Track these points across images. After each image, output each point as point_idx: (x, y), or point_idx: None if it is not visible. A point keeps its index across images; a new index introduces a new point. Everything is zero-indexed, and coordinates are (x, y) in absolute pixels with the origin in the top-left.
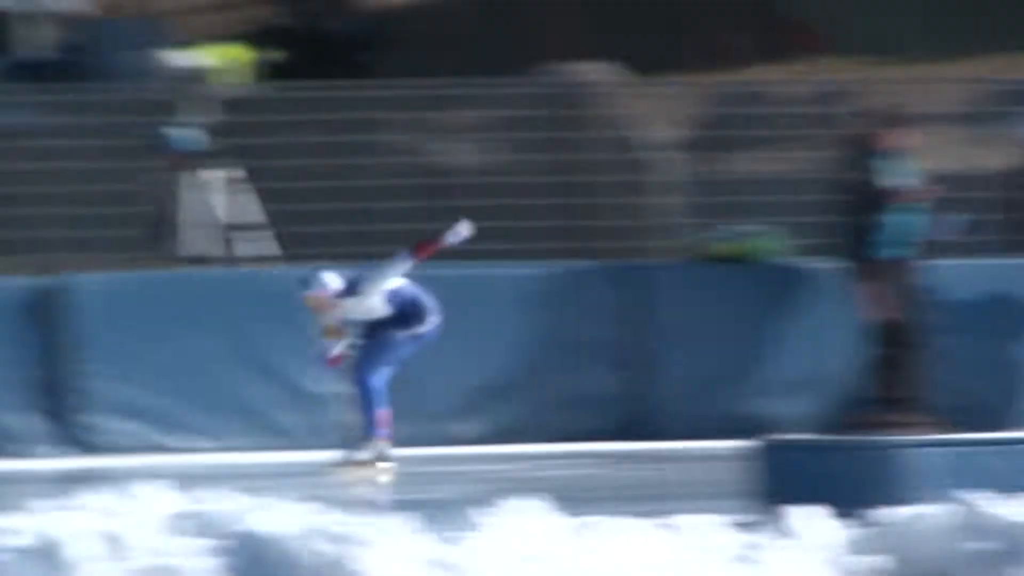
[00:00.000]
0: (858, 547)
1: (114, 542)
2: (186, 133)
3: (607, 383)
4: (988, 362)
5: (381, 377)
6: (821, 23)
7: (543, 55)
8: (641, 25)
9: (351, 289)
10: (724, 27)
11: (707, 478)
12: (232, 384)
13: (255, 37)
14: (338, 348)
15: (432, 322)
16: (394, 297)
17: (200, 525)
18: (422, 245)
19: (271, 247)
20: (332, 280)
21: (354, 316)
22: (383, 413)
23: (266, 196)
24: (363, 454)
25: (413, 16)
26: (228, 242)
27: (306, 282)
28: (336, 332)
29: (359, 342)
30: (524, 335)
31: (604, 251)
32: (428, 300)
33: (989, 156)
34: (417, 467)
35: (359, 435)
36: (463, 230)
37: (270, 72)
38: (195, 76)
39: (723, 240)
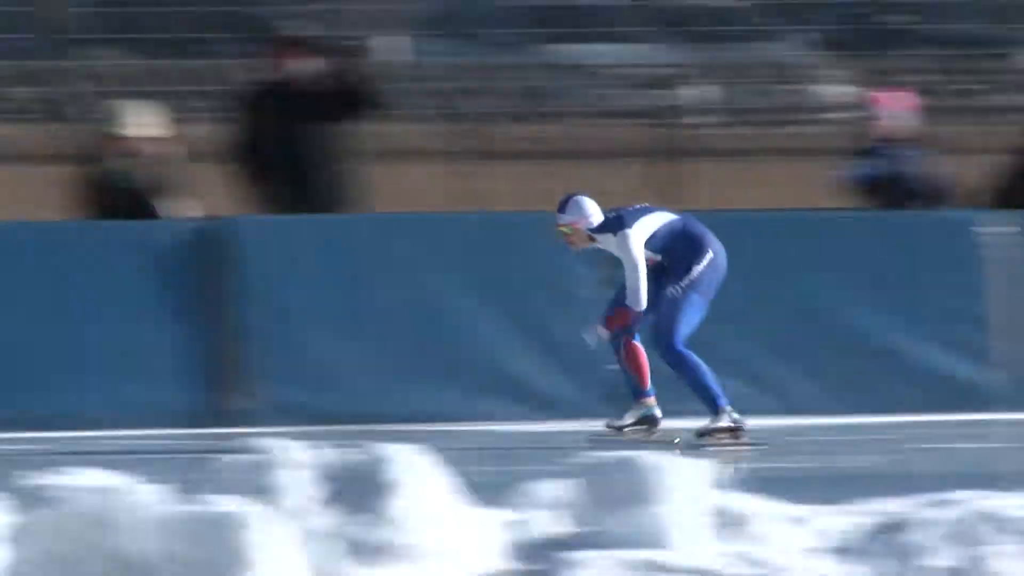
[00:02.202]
0: None
1: None
2: None
3: None
4: None
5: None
6: None
7: None
8: None
9: (612, 225)
10: None
11: None
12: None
13: None
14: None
15: (707, 259)
16: (657, 236)
17: None
18: None
19: None
20: (593, 209)
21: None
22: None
23: None
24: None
25: None
26: None
27: (563, 206)
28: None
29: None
30: None
31: None
32: (704, 234)
33: None
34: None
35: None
36: None
37: None
38: None
39: None
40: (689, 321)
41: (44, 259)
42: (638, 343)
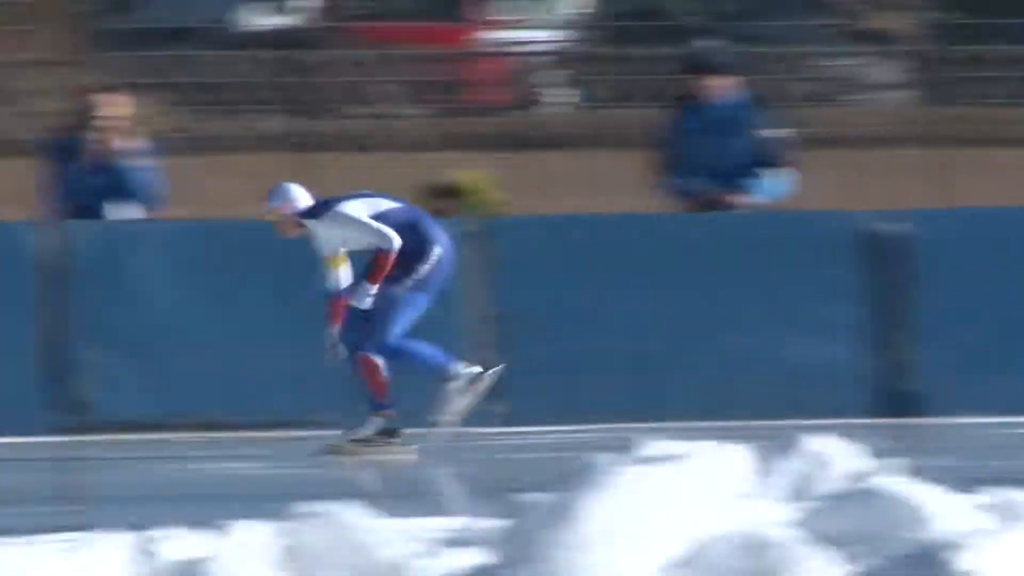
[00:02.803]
0: None
1: None
2: None
3: None
4: None
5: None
6: None
7: None
8: None
9: (317, 211)
10: None
11: None
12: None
13: None
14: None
15: (435, 256)
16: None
17: None
18: None
19: None
20: (300, 195)
21: (319, 245)
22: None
23: None
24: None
25: None
26: None
27: (271, 194)
28: (335, 262)
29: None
30: None
31: None
32: (430, 228)
33: None
34: None
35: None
36: None
37: None
38: None
39: None
40: (405, 319)
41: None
42: (373, 356)
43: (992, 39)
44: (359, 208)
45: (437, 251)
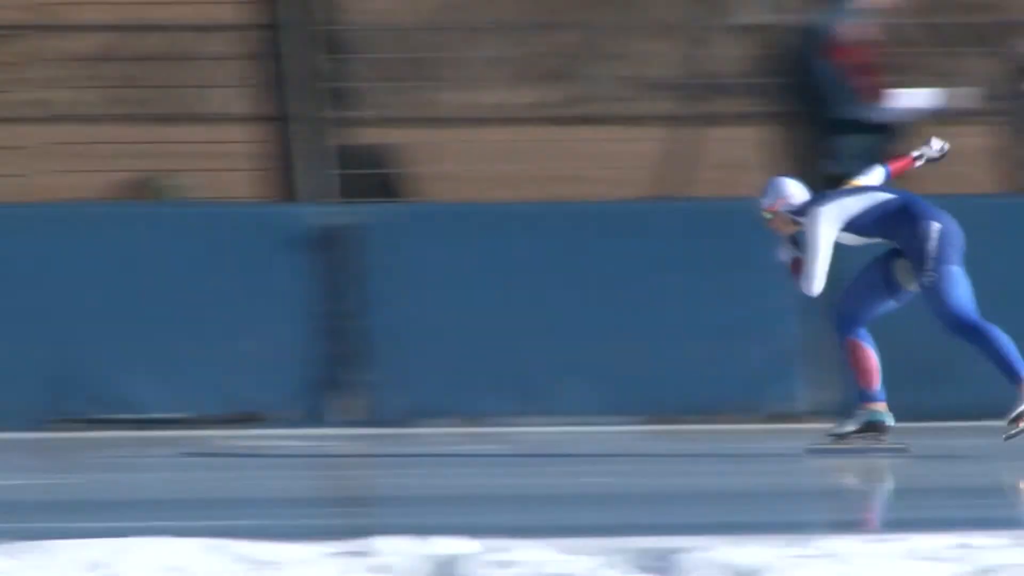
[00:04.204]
0: None
1: None
2: None
3: None
4: None
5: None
6: None
7: None
8: None
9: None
10: None
11: None
12: None
13: None
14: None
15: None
16: (865, 217)
17: None
18: (896, 160)
19: None
20: (796, 191)
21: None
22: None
23: None
24: None
25: None
26: None
27: (764, 191)
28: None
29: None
30: None
31: None
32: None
33: None
34: None
35: None
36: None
37: None
38: None
39: None
40: (960, 293)
41: None
42: (863, 343)
43: None
44: (833, 216)
45: (935, 226)
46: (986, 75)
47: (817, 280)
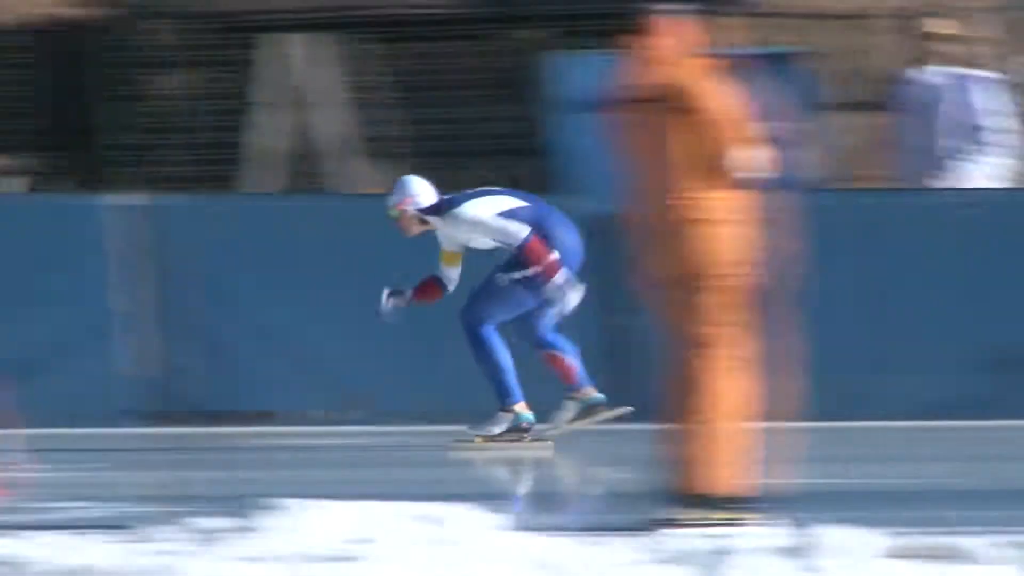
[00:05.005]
0: None
1: None
2: None
3: None
4: None
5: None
6: None
7: None
8: None
9: (443, 207)
10: None
11: None
12: None
13: None
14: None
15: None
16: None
17: None
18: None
19: None
20: (423, 190)
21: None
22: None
23: None
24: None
25: None
26: None
27: (393, 189)
28: (451, 259)
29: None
30: None
31: None
32: (553, 228)
33: None
34: None
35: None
36: None
37: None
38: None
39: None
40: (501, 311)
41: None
42: (557, 352)
43: None
44: (485, 207)
45: (554, 255)
46: None
47: (515, 228)
